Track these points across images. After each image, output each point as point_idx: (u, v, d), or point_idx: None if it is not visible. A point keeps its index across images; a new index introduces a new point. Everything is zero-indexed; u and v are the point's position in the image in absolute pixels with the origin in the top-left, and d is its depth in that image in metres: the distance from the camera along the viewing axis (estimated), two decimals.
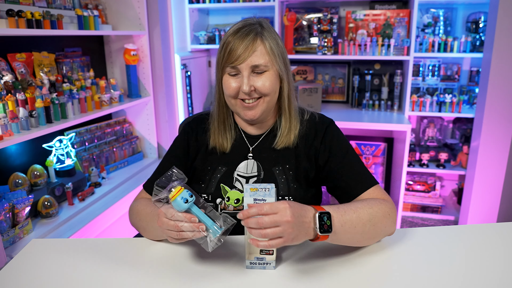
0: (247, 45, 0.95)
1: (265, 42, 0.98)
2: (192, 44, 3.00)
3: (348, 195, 1.02)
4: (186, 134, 1.13)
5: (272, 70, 0.99)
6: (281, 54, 1.01)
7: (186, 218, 0.80)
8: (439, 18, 2.72)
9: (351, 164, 1.03)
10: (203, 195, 1.07)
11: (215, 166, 1.09)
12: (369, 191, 1.00)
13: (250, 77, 0.97)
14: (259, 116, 1.02)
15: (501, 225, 1.07)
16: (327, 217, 0.81)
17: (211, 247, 0.83)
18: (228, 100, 1.03)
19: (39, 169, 1.78)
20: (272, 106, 1.04)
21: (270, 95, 1.00)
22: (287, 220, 0.76)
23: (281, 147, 1.06)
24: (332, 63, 2.99)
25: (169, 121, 2.59)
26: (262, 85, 0.97)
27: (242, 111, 1.01)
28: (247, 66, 0.96)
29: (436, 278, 0.84)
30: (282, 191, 1.04)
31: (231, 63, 0.97)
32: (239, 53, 0.95)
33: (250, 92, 0.98)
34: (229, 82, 0.99)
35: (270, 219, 0.76)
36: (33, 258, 0.96)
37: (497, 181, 2.36)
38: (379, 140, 2.95)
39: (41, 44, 1.92)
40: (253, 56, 0.96)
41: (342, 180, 1.02)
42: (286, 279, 0.85)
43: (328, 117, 1.11)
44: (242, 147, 1.10)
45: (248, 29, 0.97)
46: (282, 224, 0.76)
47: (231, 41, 0.97)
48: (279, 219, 0.76)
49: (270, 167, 1.06)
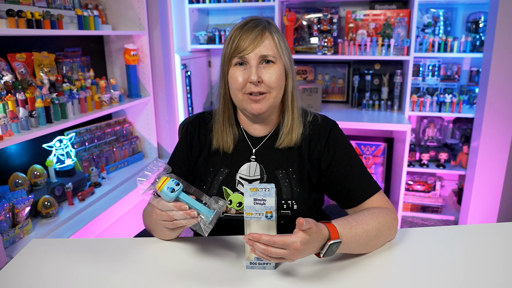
0: (256, 35, 0.95)
1: (274, 35, 0.98)
2: (192, 44, 3.01)
3: (351, 202, 1.01)
4: (188, 135, 1.11)
5: (279, 64, 0.98)
6: (287, 49, 1.01)
7: (176, 207, 0.81)
8: (439, 18, 2.72)
9: (355, 169, 1.02)
10: None
11: (217, 167, 1.07)
12: (372, 198, 0.99)
13: (258, 68, 0.96)
14: (265, 111, 0.99)
15: (501, 225, 1.07)
16: (336, 246, 0.82)
17: (206, 232, 0.83)
18: (234, 95, 1.00)
19: (39, 169, 1.78)
20: (277, 103, 1.03)
21: (276, 89, 0.98)
22: (293, 258, 0.78)
23: (283, 147, 1.05)
24: (332, 63, 2.99)
25: (169, 121, 2.59)
26: (269, 78, 0.96)
27: (248, 105, 0.98)
28: (255, 56, 0.95)
29: (436, 278, 0.84)
30: (285, 194, 1.02)
31: (239, 53, 0.96)
32: (248, 43, 0.95)
33: (257, 84, 0.96)
34: (236, 74, 0.97)
35: (279, 252, 0.77)
36: (33, 258, 0.96)
37: (497, 181, 2.36)
38: (379, 140, 2.95)
39: (41, 44, 1.92)
40: (261, 47, 0.95)
41: (345, 186, 1.01)
42: (286, 279, 0.85)
43: (332, 119, 1.10)
44: (245, 148, 1.08)
45: (256, 22, 0.98)
46: (287, 256, 0.78)
47: (239, 33, 0.96)
48: (286, 255, 0.77)
49: (273, 170, 1.05)
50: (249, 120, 1.07)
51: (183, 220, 0.81)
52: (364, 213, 0.93)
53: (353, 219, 0.90)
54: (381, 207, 0.98)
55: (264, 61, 0.97)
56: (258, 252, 0.78)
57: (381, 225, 0.92)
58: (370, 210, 0.95)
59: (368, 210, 0.95)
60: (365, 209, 0.98)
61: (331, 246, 0.81)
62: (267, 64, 0.97)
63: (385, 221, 0.93)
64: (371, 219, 0.91)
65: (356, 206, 1.00)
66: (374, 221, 0.91)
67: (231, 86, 1.00)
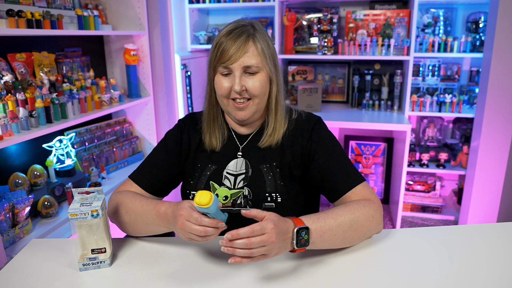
0: (239, 45, 0.98)
1: (257, 44, 1.00)
2: (192, 44, 3.01)
3: (335, 194, 1.03)
4: (179, 129, 1.14)
5: (263, 72, 1.01)
6: (272, 55, 1.03)
7: (213, 224, 0.81)
8: (439, 18, 2.72)
9: (337, 162, 1.04)
10: (192, 192, 1.09)
11: (205, 164, 1.10)
12: (355, 190, 1.00)
13: (242, 77, 0.99)
14: (250, 117, 1.04)
15: (501, 225, 1.07)
16: (305, 232, 0.84)
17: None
18: (220, 100, 1.05)
19: (39, 169, 1.78)
20: (262, 108, 1.06)
21: (259, 97, 1.02)
22: (273, 241, 0.79)
23: (265, 146, 1.08)
24: (332, 63, 2.99)
25: (169, 121, 2.59)
26: (252, 86, 0.99)
27: (233, 111, 1.03)
28: (239, 66, 0.98)
29: (436, 278, 0.84)
30: (269, 188, 1.05)
31: (223, 62, 0.99)
32: (231, 53, 0.97)
33: (241, 92, 0.99)
34: (221, 82, 1.01)
35: (258, 240, 0.78)
36: (33, 258, 0.96)
37: (497, 181, 2.36)
38: (379, 140, 2.95)
39: (41, 44, 1.92)
40: (245, 57, 0.98)
41: (328, 178, 1.03)
42: (285, 279, 0.85)
43: (316, 115, 1.12)
44: (232, 146, 1.11)
45: (240, 31, 0.99)
46: (268, 245, 0.79)
47: (224, 41, 0.99)
48: (266, 240, 0.79)
49: (258, 165, 1.08)
50: (236, 122, 1.11)
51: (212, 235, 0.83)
52: (338, 207, 0.96)
53: (323, 212, 0.93)
54: (361, 200, 0.99)
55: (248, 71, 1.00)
56: (239, 251, 0.78)
57: (356, 216, 0.93)
58: (347, 203, 0.97)
59: (344, 204, 0.97)
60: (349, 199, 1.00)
61: (299, 232, 0.84)
62: (251, 74, 1.00)
63: (361, 212, 0.94)
64: (344, 211, 0.93)
65: (340, 197, 1.02)
66: (348, 212, 0.93)
67: (217, 92, 1.04)
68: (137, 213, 0.98)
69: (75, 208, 0.87)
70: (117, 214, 1.02)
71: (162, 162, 1.11)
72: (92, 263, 0.90)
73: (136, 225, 1.00)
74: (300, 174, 1.07)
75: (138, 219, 0.98)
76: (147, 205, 0.96)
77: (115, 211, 1.03)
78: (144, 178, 1.10)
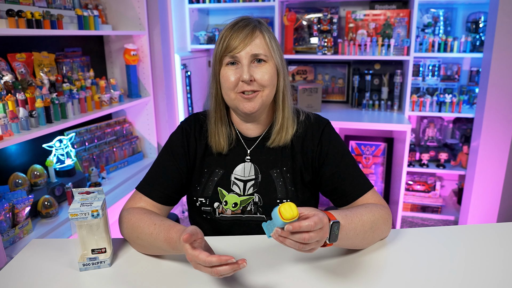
0: (246, 34, 0.95)
1: (264, 34, 0.97)
2: (192, 44, 3.01)
3: (344, 200, 1.01)
4: (184, 133, 1.08)
5: (271, 63, 0.98)
6: (278, 48, 1.00)
7: (222, 261, 0.72)
8: (439, 18, 2.72)
9: (348, 167, 1.02)
10: (200, 199, 1.04)
11: (212, 168, 1.06)
12: (365, 196, 1.00)
13: (250, 67, 0.96)
14: (258, 109, 0.98)
15: (501, 225, 1.07)
16: (337, 226, 0.80)
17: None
18: (226, 95, 0.99)
19: (39, 169, 1.78)
20: (269, 101, 1.01)
21: (269, 87, 0.98)
22: (325, 236, 0.76)
23: (274, 146, 1.04)
24: (332, 63, 2.99)
25: (169, 121, 2.59)
26: (261, 76, 0.96)
27: (241, 103, 0.97)
28: (247, 55, 0.95)
29: (436, 278, 0.84)
30: (280, 194, 1.02)
31: (230, 52, 0.95)
32: (238, 42, 0.94)
33: (250, 82, 0.95)
34: (228, 74, 0.97)
35: (315, 234, 0.73)
36: (33, 258, 0.96)
37: (497, 181, 2.36)
38: (379, 140, 2.95)
39: (41, 44, 1.92)
40: (252, 45, 0.95)
41: (338, 184, 1.01)
42: (287, 280, 0.85)
43: (324, 118, 1.09)
44: (239, 149, 1.07)
45: (246, 22, 0.97)
46: (321, 239, 0.75)
47: (230, 32, 0.96)
48: (322, 235, 0.75)
49: (267, 170, 1.05)
50: (241, 120, 1.06)
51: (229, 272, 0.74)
52: (359, 207, 0.94)
53: (348, 210, 0.90)
54: (376, 203, 0.98)
55: (256, 60, 0.97)
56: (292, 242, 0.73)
57: (376, 218, 0.92)
58: (365, 204, 0.96)
59: (362, 205, 0.96)
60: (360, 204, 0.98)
61: (332, 227, 0.79)
62: (259, 63, 0.97)
63: (379, 215, 0.93)
64: (365, 212, 0.92)
65: (349, 204, 1.01)
66: (369, 213, 0.92)
67: (223, 86, 0.99)
68: (149, 241, 0.91)
69: (75, 208, 0.87)
70: (129, 237, 0.97)
71: (171, 169, 1.05)
72: (92, 263, 0.90)
73: (149, 250, 0.94)
74: (310, 179, 1.05)
75: (151, 247, 0.92)
76: (157, 234, 0.88)
77: (127, 234, 0.97)
78: (153, 189, 1.03)
